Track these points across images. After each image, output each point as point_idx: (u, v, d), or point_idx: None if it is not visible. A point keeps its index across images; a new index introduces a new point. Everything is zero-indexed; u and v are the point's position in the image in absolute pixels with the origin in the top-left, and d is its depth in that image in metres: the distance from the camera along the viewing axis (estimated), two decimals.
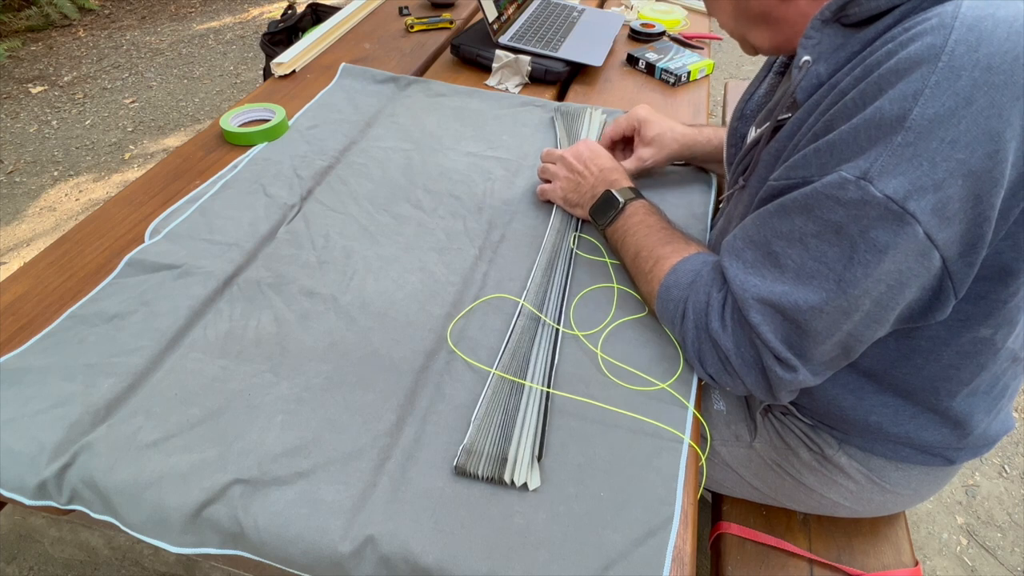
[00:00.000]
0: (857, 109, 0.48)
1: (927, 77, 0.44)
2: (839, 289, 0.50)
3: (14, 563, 1.13)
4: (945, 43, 0.44)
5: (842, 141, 0.48)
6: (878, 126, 0.46)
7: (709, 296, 0.60)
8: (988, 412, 0.65)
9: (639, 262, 0.69)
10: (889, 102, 0.45)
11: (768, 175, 0.57)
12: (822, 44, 0.53)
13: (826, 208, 0.49)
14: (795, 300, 0.52)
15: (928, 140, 0.44)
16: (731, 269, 0.57)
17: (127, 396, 0.60)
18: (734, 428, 0.78)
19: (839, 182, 0.48)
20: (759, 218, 0.56)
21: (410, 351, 0.66)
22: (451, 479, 0.55)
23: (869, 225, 0.47)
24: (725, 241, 0.60)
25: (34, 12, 3.18)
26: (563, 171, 0.82)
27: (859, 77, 0.49)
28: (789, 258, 0.53)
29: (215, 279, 0.72)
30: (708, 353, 0.61)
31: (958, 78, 0.43)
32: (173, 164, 0.93)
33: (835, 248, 0.50)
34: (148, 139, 2.39)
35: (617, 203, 0.74)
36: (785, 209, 0.53)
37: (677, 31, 1.42)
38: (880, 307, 0.51)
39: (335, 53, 1.27)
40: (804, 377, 0.56)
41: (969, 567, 1.25)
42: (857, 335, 0.53)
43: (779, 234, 0.53)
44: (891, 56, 0.46)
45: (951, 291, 0.51)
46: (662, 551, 0.51)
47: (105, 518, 0.54)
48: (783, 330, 0.54)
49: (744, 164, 0.66)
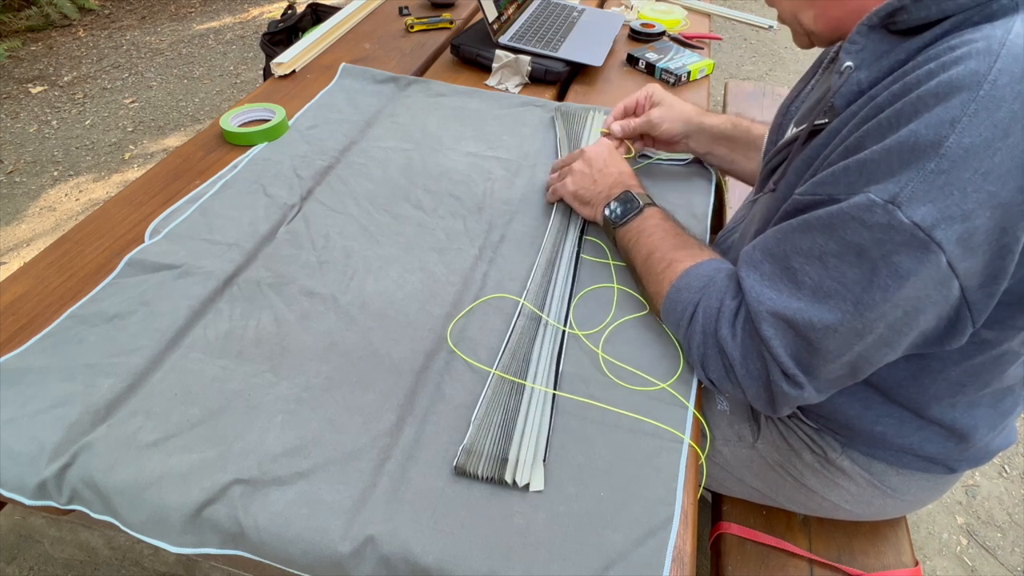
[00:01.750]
0: (892, 129, 0.47)
1: (967, 105, 0.43)
2: (855, 311, 0.50)
3: (14, 563, 1.13)
4: (989, 71, 0.43)
5: (873, 161, 0.47)
6: (912, 150, 0.45)
7: (722, 303, 0.59)
8: (993, 427, 0.65)
9: (652, 263, 0.69)
10: (925, 127, 0.44)
11: (797, 182, 0.57)
12: (866, 50, 0.52)
13: (850, 229, 0.48)
14: (809, 318, 0.51)
15: (961, 170, 0.43)
16: (748, 280, 0.56)
17: (127, 396, 0.60)
18: (737, 428, 0.78)
19: (866, 204, 0.47)
20: (781, 232, 0.55)
21: (410, 351, 0.65)
22: (451, 479, 0.55)
23: (892, 250, 0.46)
24: (744, 250, 0.59)
25: (34, 12, 3.17)
26: (581, 166, 0.82)
27: (897, 94, 0.47)
28: (807, 275, 0.52)
29: (215, 279, 0.72)
30: (713, 359, 0.60)
31: (998, 109, 0.43)
32: (173, 164, 0.93)
33: (855, 270, 0.49)
34: (148, 139, 2.39)
35: (637, 204, 0.74)
36: (808, 225, 0.52)
37: (677, 31, 1.42)
38: (893, 332, 0.51)
39: (335, 53, 1.27)
40: (809, 394, 0.56)
41: (969, 567, 1.25)
42: (867, 357, 0.53)
43: (799, 250, 0.52)
44: (932, 77, 0.45)
45: (968, 320, 0.50)
46: (662, 551, 0.51)
47: (105, 518, 0.54)
48: (794, 346, 0.54)
49: (776, 163, 0.65)
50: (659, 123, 0.88)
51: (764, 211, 0.63)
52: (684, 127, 0.88)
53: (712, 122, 0.88)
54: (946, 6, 0.47)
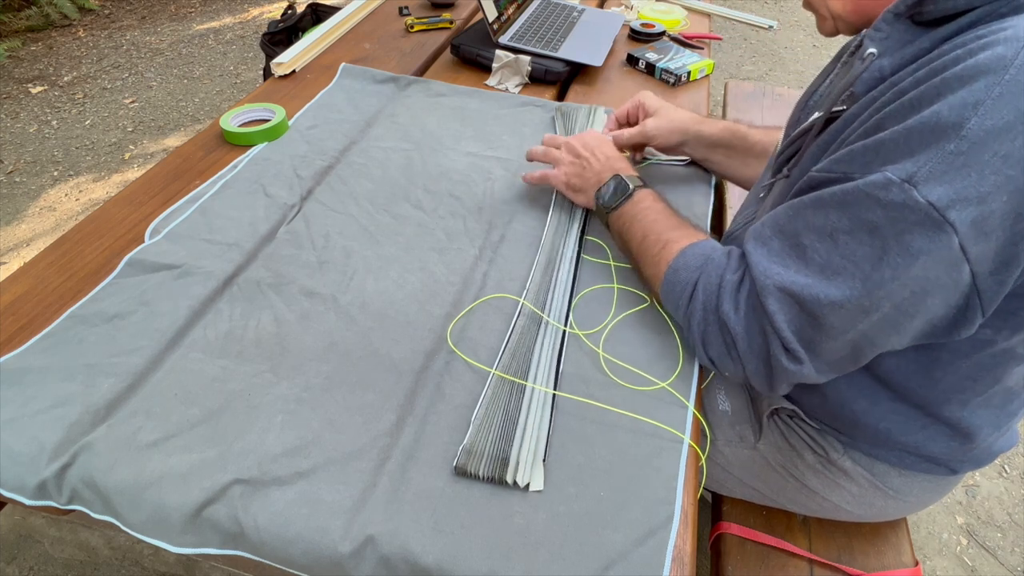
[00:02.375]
0: (914, 110, 0.47)
1: (991, 88, 0.43)
2: (863, 288, 0.49)
3: (14, 563, 1.13)
4: (1016, 56, 0.43)
5: (892, 141, 0.47)
6: (932, 130, 0.45)
7: (722, 278, 0.59)
8: (997, 428, 0.64)
9: (646, 245, 0.69)
10: (948, 108, 0.44)
11: (811, 166, 0.56)
12: (891, 38, 0.52)
13: (864, 207, 0.48)
14: (816, 293, 0.51)
15: (981, 152, 0.43)
16: (755, 254, 0.56)
17: (127, 396, 0.60)
18: (738, 429, 0.78)
19: (883, 182, 0.47)
20: (792, 208, 0.55)
21: (410, 351, 0.66)
22: (451, 479, 0.55)
23: (905, 229, 0.46)
24: (752, 227, 0.59)
25: (34, 12, 3.17)
26: (568, 156, 0.82)
27: (921, 79, 0.47)
28: (816, 252, 0.52)
29: (215, 279, 0.72)
30: (713, 335, 0.60)
31: (1022, 94, 0.43)
32: (173, 164, 0.93)
33: (866, 247, 0.49)
34: (148, 139, 2.39)
35: (626, 187, 0.74)
36: (821, 202, 0.52)
37: (677, 31, 1.42)
38: (899, 312, 0.50)
39: (335, 53, 1.27)
40: (808, 371, 0.55)
41: (969, 567, 1.25)
42: (871, 337, 0.53)
43: (810, 227, 0.52)
44: (958, 62, 0.45)
45: (978, 308, 0.50)
46: (662, 551, 0.51)
47: (105, 518, 0.54)
48: (798, 321, 0.54)
49: (791, 151, 0.65)
50: (654, 134, 0.88)
51: (777, 198, 0.63)
52: (680, 137, 0.88)
53: (708, 130, 0.88)
54: None
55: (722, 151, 0.88)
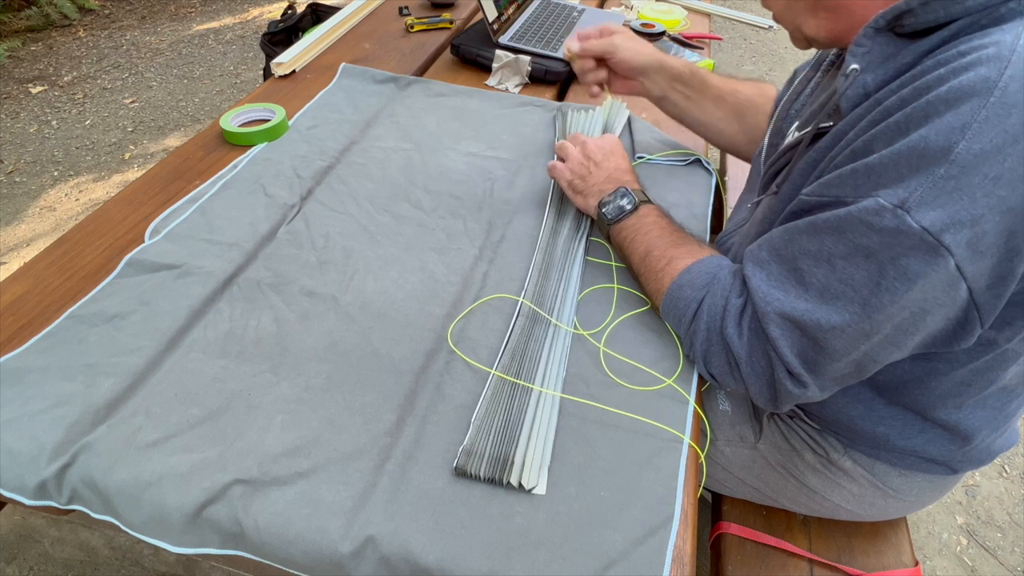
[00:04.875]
0: (900, 133, 0.46)
1: (977, 111, 0.43)
2: (863, 312, 0.50)
3: (14, 563, 1.13)
4: (1000, 77, 0.43)
5: (882, 165, 0.47)
6: (921, 155, 0.45)
7: (727, 301, 0.59)
8: (996, 428, 0.65)
9: (650, 260, 0.68)
10: (936, 132, 0.44)
11: (802, 185, 0.57)
12: (872, 53, 0.51)
13: (858, 232, 0.48)
14: (817, 318, 0.51)
15: (971, 175, 0.43)
16: (754, 279, 0.56)
17: (127, 396, 0.60)
18: (739, 429, 0.78)
19: (875, 208, 0.47)
20: (787, 232, 0.55)
21: (410, 351, 0.65)
22: (451, 479, 0.55)
23: (901, 253, 0.46)
24: (749, 249, 0.59)
25: (34, 12, 3.17)
26: (579, 156, 0.81)
27: (906, 98, 0.47)
28: (814, 277, 0.52)
29: (215, 279, 0.72)
30: (716, 355, 0.60)
31: (1008, 115, 0.43)
32: (173, 164, 0.93)
33: (863, 272, 0.49)
34: (148, 139, 2.39)
35: (632, 200, 0.74)
36: (815, 228, 0.52)
37: (677, 31, 1.42)
38: (900, 332, 0.51)
39: (335, 53, 1.27)
40: (812, 393, 0.56)
41: (969, 567, 1.25)
42: (873, 356, 0.53)
43: (806, 252, 0.52)
44: (942, 82, 0.45)
45: (977, 321, 0.50)
46: (662, 551, 0.51)
47: (105, 518, 0.54)
48: (800, 346, 0.54)
49: (779, 166, 0.65)
50: (621, 47, 0.85)
51: (767, 213, 0.63)
52: (644, 60, 0.86)
53: (672, 63, 0.86)
54: (953, 9, 0.47)
55: (681, 88, 0.87)
